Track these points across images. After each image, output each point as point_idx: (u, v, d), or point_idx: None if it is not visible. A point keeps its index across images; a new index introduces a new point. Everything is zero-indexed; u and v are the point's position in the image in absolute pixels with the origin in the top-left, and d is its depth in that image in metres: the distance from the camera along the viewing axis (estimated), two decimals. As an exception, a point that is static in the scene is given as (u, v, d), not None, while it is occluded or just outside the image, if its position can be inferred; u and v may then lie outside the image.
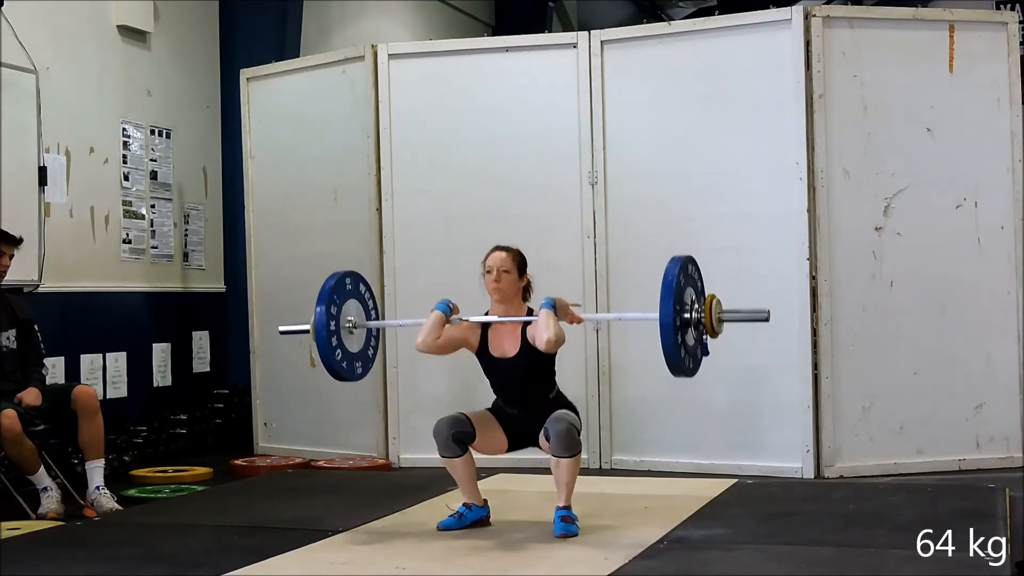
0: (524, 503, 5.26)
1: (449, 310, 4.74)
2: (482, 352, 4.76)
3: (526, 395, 4.71)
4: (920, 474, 6.15)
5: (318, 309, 4.72)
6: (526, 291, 4.80)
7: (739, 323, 4.70)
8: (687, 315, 4.39)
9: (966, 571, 3.94)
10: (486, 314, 4.76)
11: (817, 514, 4.95)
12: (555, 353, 4.66)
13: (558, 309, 4.58)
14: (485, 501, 4.81)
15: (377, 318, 5.12)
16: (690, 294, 4.45)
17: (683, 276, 4.40)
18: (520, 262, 4.75)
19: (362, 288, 5.00)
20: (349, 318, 4.89)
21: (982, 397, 6.34)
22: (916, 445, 6.28)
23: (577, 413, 4.71)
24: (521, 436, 4.75)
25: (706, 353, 4.56)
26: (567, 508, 4.63)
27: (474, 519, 4.75)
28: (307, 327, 4.82)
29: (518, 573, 4.10)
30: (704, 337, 4.52)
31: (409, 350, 6.86)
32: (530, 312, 4.70)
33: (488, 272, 4.71)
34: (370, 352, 5.03)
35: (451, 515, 4.75)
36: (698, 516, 4.91)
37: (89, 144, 7.11)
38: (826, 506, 5.13)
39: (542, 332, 4.50)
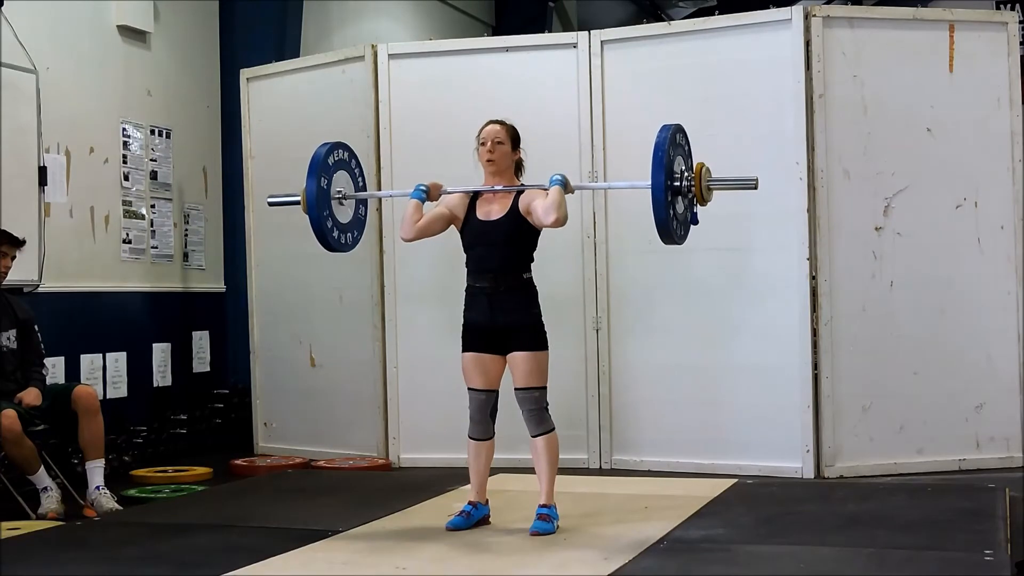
0: (524, 503, 5.24)
1: (425, 194, 4.79)
2: (468, 219, 4.75)
3: (502, 262, 4.67)
4: (920, 474, 6.15)
5: (309, 180, 4.73)
6: (518, 167, 4.85)
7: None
8: (677, 183, 4.42)
9: (966, 571, 3.94)
10: (471, 201, 4.79)
11: (817, 514, 4.95)
12: (539, 232, 4.70)
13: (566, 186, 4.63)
14: (487, 500, 4.83)
15: (365, 189, 5.16)
16: (679, 163, 4.47)
17: (672, 146, 4.41)
18: (514, 135, 4.80)
19: (350, 159, 5.03)
20: (338, 189, 4.92)
21: (982, 397, 6.34)
22: (916, 445, 6.27)
23: (542, 323, 4.72)
24: (495, 335, 4.68)
25: (695, 222, 4.59)
26: (548, 506, 4.68)
27: (479, 518, 4.78)
28: (297, 198, 4.84)
29: (518, 573, 4.10)
30: (694, 205, 4.54)
31: (409, 350, 6.88)
32: (519, 195, 4.72)
33: (483, 144, 4.75)
34: (358, 223, 5.09)
35: (458, 515, 4.75)
36: (698, 516, 4.91)
37: (89, 144, 7.11)
38: (826, 506, 5.14)
39: (551, 209, 4.51)
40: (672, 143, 4.41)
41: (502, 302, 4.67)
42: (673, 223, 4.42)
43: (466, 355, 4.74)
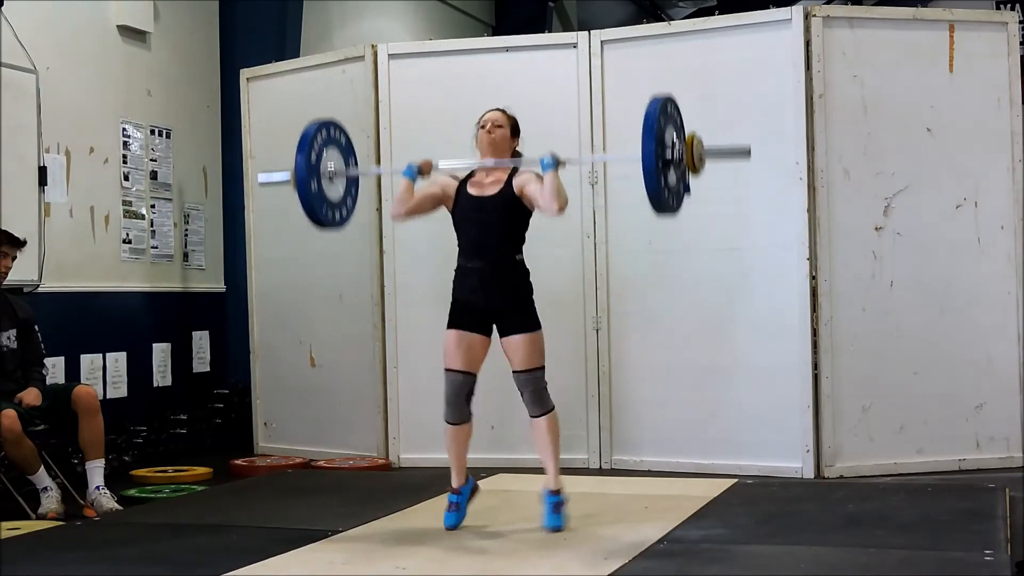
0: (524, 503, 5.25)
1: (416, 173, 4.77)
2: (459, 196, 4.73)
3: (494, 241, 4.66)
4: (920, 474, 6.15)
5: (298, 157, 4.73)
6: (516, 152, 4.84)
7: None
8: (669, 155, 4.40)
9: (966, 571, 3.95)
10: (463, 182, 4.77)
11: (817, 514, 4.96)
12: (532, 212, 4.67)
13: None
14: (468, 475, 4.83)
15: (356, 167, 5.12)
16: (671, 134, 4.45)
17: (663, 117, 4.38)
18: (514, 123, 4.83)
19: (341, 137, 5.00)
20: (329, 165, 4.91)
21: (982, 397, 6.34)
22: (916, 445, 6.28)
23: (534, 304, 4.69)
24: (485, 315, 4.67)
25: (688, 192, 4.57)
26: (556, 493, 4.68)
27: (468, 498, 4.78)
28: (287, 176, 4.83)
29: (518, 573, 4.10)
30: (686, 176, 4.52)
31: (409, 350, 6.88)
32: (513, 174, 4.69)
33: (482, 127, 4.76)
34: (349, 200, 5.05)
35: (449, 511, 4.73)
36: (698, 516, 4.91)
37: (89, 144, 7.11)
38: (826, 506, 5.14)
39: (552, 199, 4.49)
40: (663, 114, 4.38)
41: (494, 282, 4.65)
42: (665, 193, 4.37)
43: (451, 332, 4.70)
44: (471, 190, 4.74)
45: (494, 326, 4.72)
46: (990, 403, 6.34)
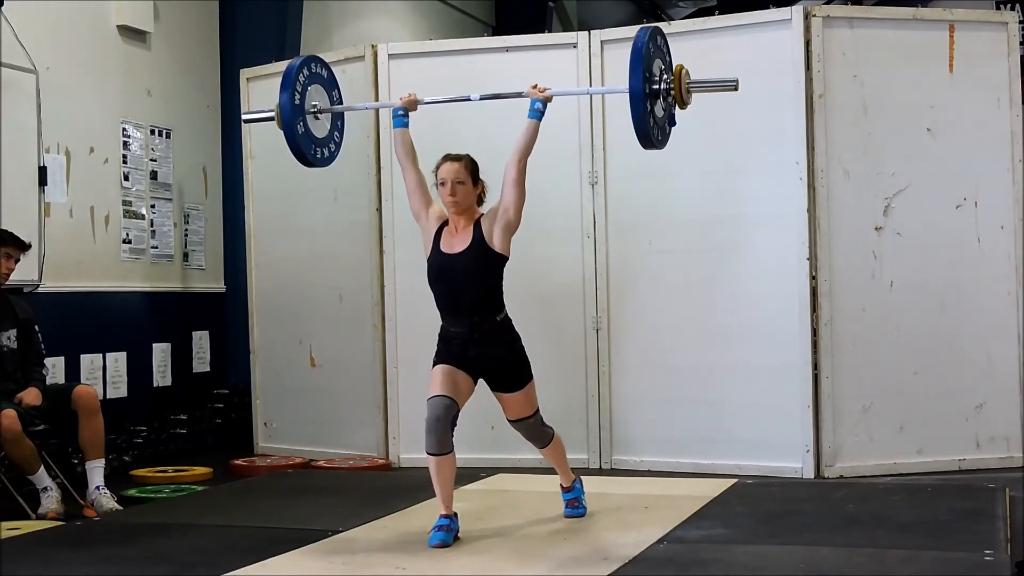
0: (524, 503, 5.26)
1: (405, 117, 4.80)
2: (436, 241, 4.61)
3: (472, 303, 4.52)
4: (920, 474, 6.15)
5: (282, 94, 4.71)
6: (481, 197, 4.70)
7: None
8: (656, 85, 4.38)
9: (966, 571, 3.95)
10: (445, 222, 4.66)
11: (817, 514, 4.96)
12: (505, 262, 4.56)
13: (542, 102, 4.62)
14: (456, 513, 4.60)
15: (341, 103, 5.09)
16: (659, 65, 4.43)
17: (652, 46, 4.36)
18: (473, 170, 4.63)
19: (325, 74, 4.98)
20: (314, 103, 4.88)
21: (982, 397, 6.34)
22: (916, 445, 6.28)
23: (525, 356, 4.63)
24: (472, 367, 4.55)
25: (673, 124, 4.56)
26: (569, 489, 4.83)
27: (457, 530, 4.53)
28: (272, 113, 4.81)
29: (518, 573, 4.10)
30: (673, 108, 4.51)
31: (409, 350, 6.87)
32: (479, 219, 4.60)
33: (442, 184, 4.59)
34: (336, 135, 5.05)
35: (441, 531, 4.44)
36: (698, 516, 4.91)
37: (89, 144, 7.11)
38: (826, 506, 5.14)
39: (522, 149, 4.51)
40: (652, 44, 4.34)
41: (479, 346, 4.54)
42: (650, 120, 4.34)
43: (438, 367, 4.54)
44: (443, 241, 4.59)
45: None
46: (990, 403, 6.34)
